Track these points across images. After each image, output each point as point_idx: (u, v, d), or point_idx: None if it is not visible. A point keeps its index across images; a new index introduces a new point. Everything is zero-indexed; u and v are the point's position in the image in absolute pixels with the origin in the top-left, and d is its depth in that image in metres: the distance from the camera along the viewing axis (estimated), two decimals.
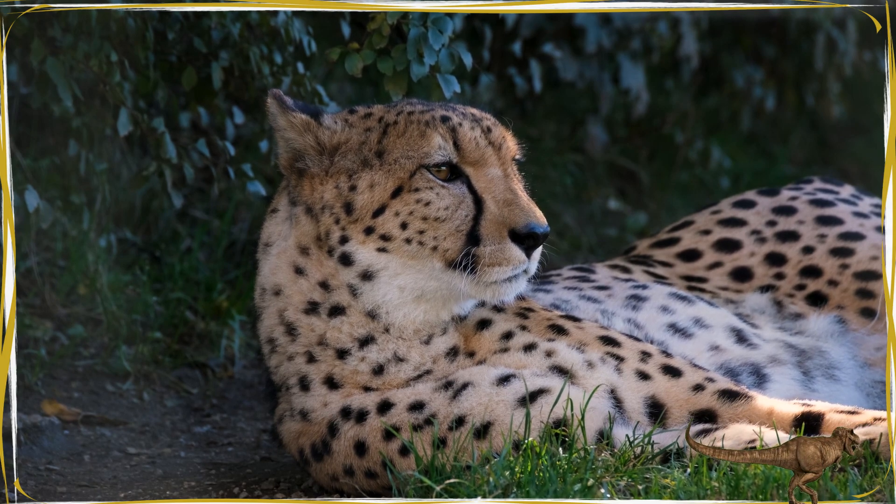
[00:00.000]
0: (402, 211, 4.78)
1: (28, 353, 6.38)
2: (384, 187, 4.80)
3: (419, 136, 4.83)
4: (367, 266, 4.81)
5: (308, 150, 4.89)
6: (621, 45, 9.23)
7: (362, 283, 4.83)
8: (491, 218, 4.76)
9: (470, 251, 4.72)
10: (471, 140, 4.82)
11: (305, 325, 4.90)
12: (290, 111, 4.89)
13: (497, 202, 4.77)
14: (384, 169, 4.81)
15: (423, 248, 4.76)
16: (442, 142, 4.80)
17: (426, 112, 4.87)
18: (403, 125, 4.85)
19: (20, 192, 5.68)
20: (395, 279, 4.80)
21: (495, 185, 4.80)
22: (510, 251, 4.73)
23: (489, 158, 4.83)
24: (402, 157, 4.81)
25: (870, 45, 9.88)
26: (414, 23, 5.38)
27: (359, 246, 4.80)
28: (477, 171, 4.82)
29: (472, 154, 4.82)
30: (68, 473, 5.56)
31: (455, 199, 4.78)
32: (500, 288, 4.75)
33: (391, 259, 4.79)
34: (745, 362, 5.28)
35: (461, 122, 4.84)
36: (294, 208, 4.92)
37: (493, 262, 4.73)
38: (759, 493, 4.33)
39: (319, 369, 4.88)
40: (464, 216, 4.77)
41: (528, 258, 4.74)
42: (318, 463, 4.86)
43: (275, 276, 4.93)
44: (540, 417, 4.72)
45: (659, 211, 9.68)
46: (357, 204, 4.81)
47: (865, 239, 5.67)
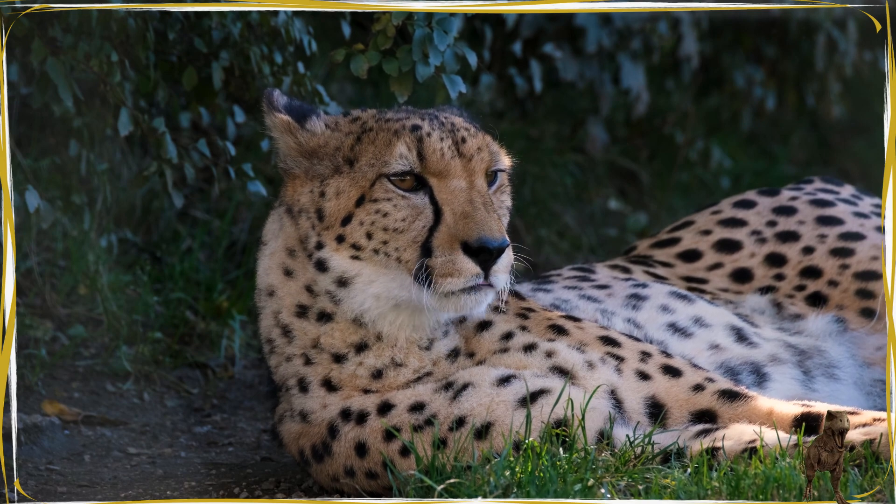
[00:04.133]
0: (365, 220, 4.76)
1: (28, 353, 6.38)
2: (348, 195, 4.79)
3: (385, 144, 4.81)
4: (341, 273, 4.80)
5: (290, 151, 4.89)
6: (622, 46, 9.23)
7: (339, 290, 4.82)
8: (445, 230, 4.72)
9: (423, 262, 4.70)
10: (435, 151, 4.78)
11: (299, 329, 4.90)
12: (275, 111, 4.89)
13: (455, 214, 4.73)
14: (350, 176, 4.80)
15: (389, 258, 4.75)
16: (405, 150, 4.77)
17: (399, 121, 4.85)
18: (376, 132, 4.83)
19: (21, 192, 5.68)
20: (370, 287, 4.78)
21: (455, 197, 4.76)
22: (461, 262, 4.68)
23: (454, 170, 4.79)
24: (366, 165, 4.80)
25: (870, 45, 9.88)
26: (419, 23, 5.38)
27: (333, 253, 4.80)
28: (440, 182, 4.78)
29: (436, 165, 4.78)
30: (68, 473, 5.56)
31: (413, 211, 4.75)
32: (460, 301, 4.70)
33: (364, 266, 4.78)
34: (746, 361, 5.29)
35: (430, 131, 4.80)
36: (281, 208, 4.93)
37: (444, 272, 4.68)
38: (759, 493, 4.33)
39: (317, 372, 4.88)
40: (420, 227, 4.74)
41: (483, 271, 4.70)
42: (319, 464, 4.86)
43: (268, 277, 4.94)
44: (540, 418, 4.72)
45: (659, 211, 9.68)
46: (326, 211, 4.81)
47: (866, 239, 5.67)
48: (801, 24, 9.90)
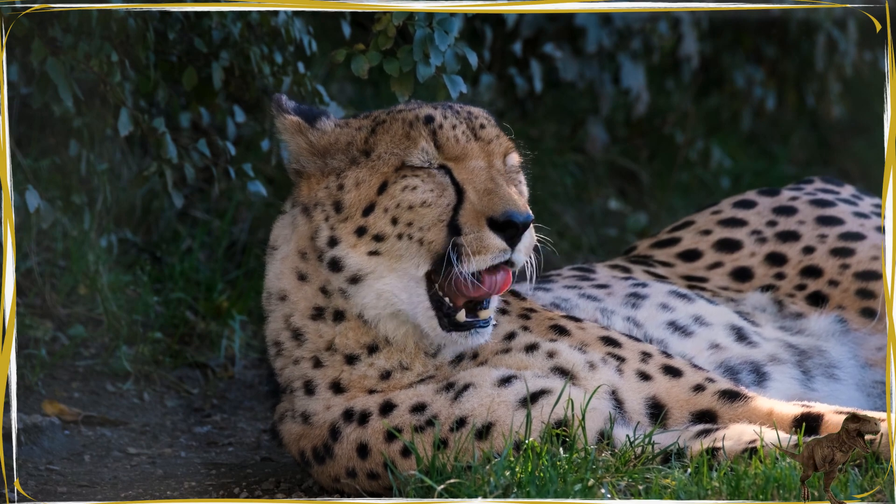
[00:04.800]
0: (389, 206, 4.77)
1: (28, 353, 6.38)
2: (370, 184, 4.80)
3: (403, 135, 4.83)
4: (356, 270, 4.80)
5: (301, 151, 4.91)
6: (622, 46, 9.23)
7: (349, 286, 4.82)
8: (470, 207, 4.74)
9: (455, 241, 4.71)
10: (450, 138, 4.80)
11: (313, 331, 4.89)
12: (284, 113, 4.90)
13: (477, 192, 4.75)
14: (369, 166, 4.81)
15: (412, 242, 4.75)
16: (425, 144, 4.80)
17: (412, 111, 4.87)
18: (390, 123, 4.86)
19: (21, 192, 5.68)
20: (378, 282, 4.78)
21: (476, 176, 4.78)
22: (488, 239, 4.70)
23: (472, 152, 4.81)
24: (386, 153, 4.81)
25: (870, 45, 9.88)
26: (419, 23, 5.38)
27: (349, 249, 4.80)
28: (458, 164, 4.80)
29: (452, 150, 4.80)
30: (68, 473, 5.56)
31: (438, 186, 4.77)
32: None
33: (380, 262, 4.78)
34: (745, 361, 5.29)
35: (443, 121, 4.83)
36: (294, 210, 4.93)
37: (473, 249, 4.70)
38: (759, 493, 4.34)
39: (326, 374, 4.88)
40: (445, 204, 4.75)
41: (510, 248, 4.72)
42: (320, 465, 4.86)
43: (279, 282, 4.93)
44: (541, 418, 4.72)
45: (659, 211, 9.68)
46: (346, 202, 4.81)
47: (866, 239, 5.67)
48: (801, 24, 9.90)
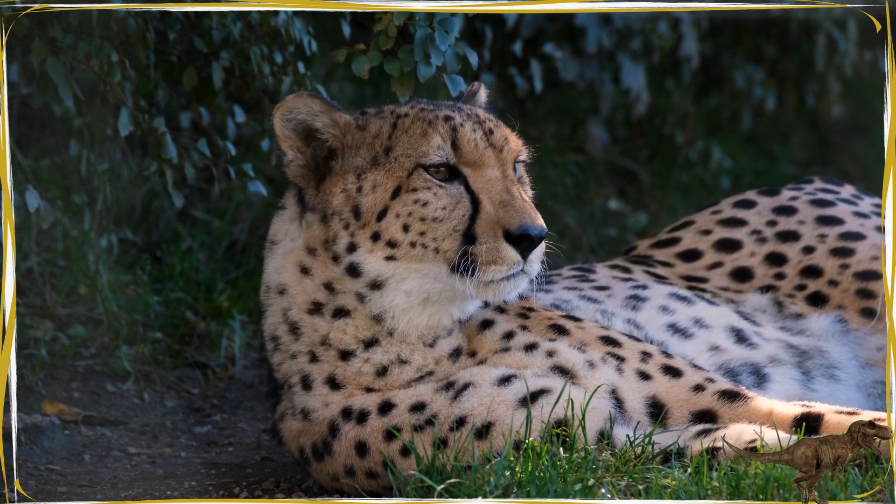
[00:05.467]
0: (402, 213, 4.77)
1: (28, 353, 6.38)
2: (385, 188, 4.80)
3: (421, 134, 4.82)
4: (375, 276, 4.80)
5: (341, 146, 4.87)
6: (622, 46, 9.23)
7: (371, 292, 4.82)
8: (486, 217, 4.75)
9: (467, 250, 4.72)
10: (470, 141, 4.81)
11: (309, 325, 4.89)
12: (336, 110, 4.88)
13: (493, 203, 4.76)
14: (386, 168, 4.81)
15: (426, 250, 4.76)
16: (441, 142, 4.80)
17: (431, 111, 4.87)
18: (410, 120, 4.85)
19: (21, 192, 5.68)
20: (402, 284, 4.79)
21: (492, 186, 4.79)
22: (504, 251, 4.72)
23: (488, 160, 4.82)
24: (402, 156, 4.81)
25: (870, 45, 9.88)
26: (420, 23, 5.38)
27: (367, 255, 4.79)
28: (475, 172, 4.81)
29: (470, 155, 4.81)
30: (68, 473, 5.56)
31: (452, 200, 4.77)
32: (500, 287, 4.75)
33: (399, 266, 4.78)
34: (745, 362, 5.29)
35: (463, 122, 4.83)
36: (303, 209, 4.90)
37: (488, 260, 4.72)
38: (759, 493, 4.34)
39: (322, 369, 4.88)
40: (461, 216, 4.76)
41: (523, 259, 4.73)
42: (319, 463, 4.86)
43: (279, 276, 4.93)
44: (541, 417, 4.72)
45: (659, 211, 9.68)
46: (363, 206, 4.81)
47: (866, 239, 5.67)
48: (801, 24, 9.90)
